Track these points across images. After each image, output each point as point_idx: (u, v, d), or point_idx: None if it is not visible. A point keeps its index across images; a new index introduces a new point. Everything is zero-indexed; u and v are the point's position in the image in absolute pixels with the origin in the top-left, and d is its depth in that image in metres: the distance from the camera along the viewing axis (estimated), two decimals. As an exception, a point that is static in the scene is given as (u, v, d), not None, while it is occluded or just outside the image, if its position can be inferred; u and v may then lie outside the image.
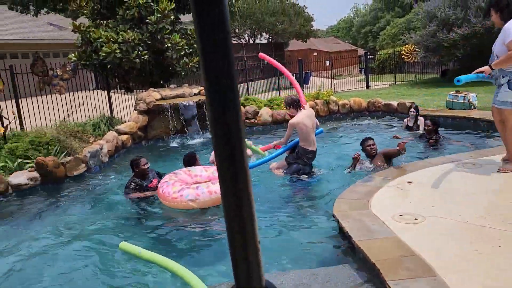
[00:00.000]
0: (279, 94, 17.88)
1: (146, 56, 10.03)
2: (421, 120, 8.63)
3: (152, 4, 10.08)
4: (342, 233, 4.07)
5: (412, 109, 8.87)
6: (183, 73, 10.58)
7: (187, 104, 9.52)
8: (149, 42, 10.14)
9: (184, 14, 12.16)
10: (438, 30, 18.14)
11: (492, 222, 3.78)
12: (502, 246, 3.35)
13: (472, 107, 9.94)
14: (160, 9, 9.95)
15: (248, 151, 6.46)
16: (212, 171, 5.79)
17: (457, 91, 10.29)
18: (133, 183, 5.99)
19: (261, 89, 21.31)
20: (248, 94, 18.48)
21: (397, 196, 4.68)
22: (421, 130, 8.33)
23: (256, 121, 10.63)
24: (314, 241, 4.39)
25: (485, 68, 4.92)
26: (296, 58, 28.59)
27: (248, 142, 6.58)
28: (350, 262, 3.72)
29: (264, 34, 31.93)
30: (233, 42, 30.36)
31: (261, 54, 7.59)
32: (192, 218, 5.12)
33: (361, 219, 4.10)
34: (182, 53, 10.36)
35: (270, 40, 32.14)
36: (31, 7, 27.30)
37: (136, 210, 5.67)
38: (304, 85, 22.11)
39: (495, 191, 4.62)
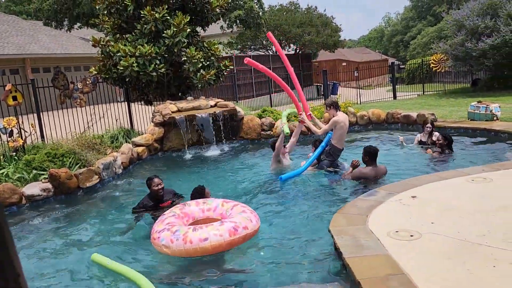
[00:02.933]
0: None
1: (163, 69, 10.16)
2: (436, 134, 8.26)
3: (168, 18, 10.23)
4: (336, 249, 3.96)
5: (428, 125, 8.49)
6: (199, 85, 10.65)
7: (200, 116, 9.58)
8: (166, 56, 10.28)
9: (205, 28, 12.30)
10: (466, 39, 17.66)
11: (491, 241, 3.59)
12: (496, 267, 3.17)
13: (495, 118, 9.53)
14: (175, 23, 10.09)
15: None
16: (229, 206, 4.89)
17: (479, 102, 9.92)
18: (142, 204, 5.74)
19: (285, 101, 21.23)
20: (271, 106, 18.46)
21: (398, 212, 4.53)
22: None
23: (272, 133, 10.53)
24: (312, 254, 4.29)
25: None
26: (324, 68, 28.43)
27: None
28: (339, 280, 3.62)
29: (291, 45, 31.98)
30: (260, 53, 30.53)
31: (247, 59, 7.21)
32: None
33: (356, 235, 3.98)
34: (199, 66, 10.45)
35: (297, 51, 32.15)
36: (65, 22, 28.31)
37: (139, 227, 5.61)
38: (333, 95, 21.89)
39: (504, 208, 4.37)
